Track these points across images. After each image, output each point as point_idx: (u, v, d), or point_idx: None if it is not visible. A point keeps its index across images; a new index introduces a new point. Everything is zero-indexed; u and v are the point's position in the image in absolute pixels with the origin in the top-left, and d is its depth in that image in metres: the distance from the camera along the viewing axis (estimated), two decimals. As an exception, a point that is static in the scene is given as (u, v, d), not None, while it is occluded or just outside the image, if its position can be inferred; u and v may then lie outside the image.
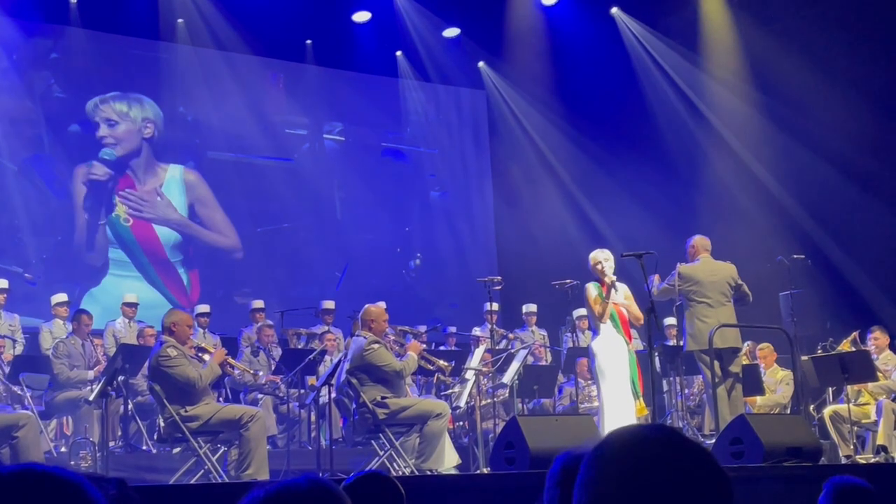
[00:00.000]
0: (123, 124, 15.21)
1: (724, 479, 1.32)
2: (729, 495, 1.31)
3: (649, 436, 1.35)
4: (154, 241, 15.16)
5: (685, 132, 15.46)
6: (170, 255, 15.23)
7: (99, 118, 15.04)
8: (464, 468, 9.20)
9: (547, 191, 16.69)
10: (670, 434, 1.34)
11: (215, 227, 15.69)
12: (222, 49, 15.54)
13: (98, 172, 14.81)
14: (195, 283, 15.30)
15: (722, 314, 9.51)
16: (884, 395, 10.32)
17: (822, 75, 13.53)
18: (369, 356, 8.56)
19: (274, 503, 1.45)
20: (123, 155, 15.14)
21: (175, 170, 15.65)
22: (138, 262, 14.97)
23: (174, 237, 15.36)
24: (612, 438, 1.36)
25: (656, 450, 1.31)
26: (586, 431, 7.32)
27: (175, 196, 15.53)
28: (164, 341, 8.07)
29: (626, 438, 1.35)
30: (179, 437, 8.02)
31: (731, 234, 13.48)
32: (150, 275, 14.96)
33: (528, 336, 13.12)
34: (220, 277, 15.52)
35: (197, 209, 15.63)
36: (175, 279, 15.15)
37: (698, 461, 1.31)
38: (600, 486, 1.31)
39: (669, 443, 1.32)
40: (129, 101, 15.34)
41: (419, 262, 17.29)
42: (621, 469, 1.30)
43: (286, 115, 16.58)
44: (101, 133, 15.01)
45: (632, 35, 16.13)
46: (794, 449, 7.55)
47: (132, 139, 15.26)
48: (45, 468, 1.31)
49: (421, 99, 17.62)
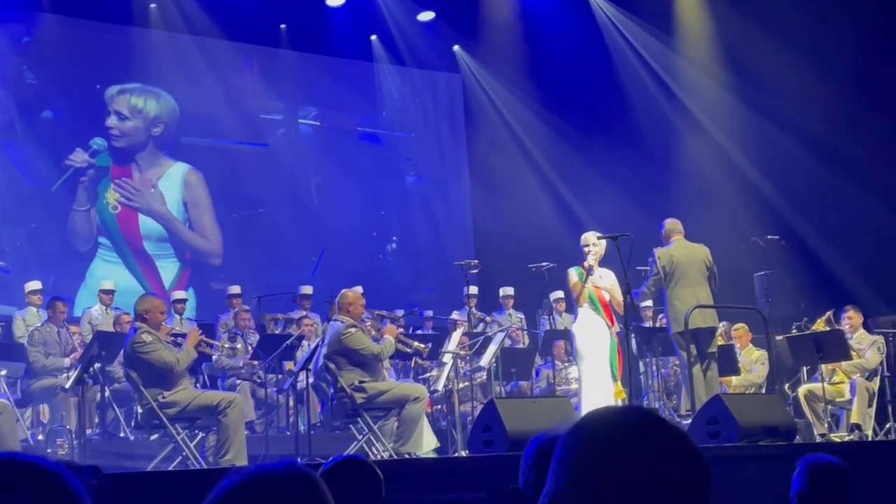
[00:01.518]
0: (133, 121, 15.27)
1: (700, 460, 1.32)
2: (706, 477, 1.32)
3: (625, 417, 1.35)
4: (136, 232, 15.14)
5: (660, 114, 15.51)
6: (151, 249, 15.19)
7: (112, 108, 15.11)
8: (442, 451, 9.23)
9: (523, 174, 16.70)
10: (646, 415, 1.35)
11: (201, 230, 15.72)
12: (196, 34, 15.44)
13: (76, 159, 14.74)
14: (184, 278, 15.29)
15: (700, 295, 9.56)
16: (857, 374, 10.42)
17: (796, 56, 13.59)
18: (346, 340, 8.56)
19: (250, 488, 1.44)
20: (123, 148, 15.17)
21: (180, 167, 15.69)
22: (120, 251, 14.97)
23: (158, 231, 15.33)
24: (587, 420, 1.36)
25: (632, 431, 1.32)
26: (563, 413, 7.35)
27: (171, 192, 15.54)
28: (137, 328, 8.04)
29: (602, 420, 1.35)
30: (157, 423, 8.00)
31: (706, 216, 13.55)
32: (130, 263, 14.93)
33: (506, 319, 13.14)
34: (196, 264, 15.49)
35: (189, 209, 15.64)
36: (153, 271, 15.12)
37: (674, 443, 1.32)
38: (575, 468, 1.32)
39: (645, 424, 1.33)
40: (146, 95, 15.41)
41: (395, 246, 17.27)
42: (597, 451, 1.30)
43: (261, 100, 16.50)
44: (110, 123, 15.09)
45: (606, 18, 16.15)
46: (769, 428, 7.61)
47: (138, 136, 15.33)
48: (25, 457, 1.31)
49: (396, 83, 17.58)
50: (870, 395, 10.30)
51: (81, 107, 15.01)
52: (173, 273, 15.28)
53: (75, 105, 14.98)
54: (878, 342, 10.57)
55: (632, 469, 1.28)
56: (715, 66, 15.02)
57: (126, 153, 15.21)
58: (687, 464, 1.31)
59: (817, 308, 11.44)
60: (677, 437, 1.33)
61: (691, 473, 1.30)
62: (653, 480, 1.28)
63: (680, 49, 15.52)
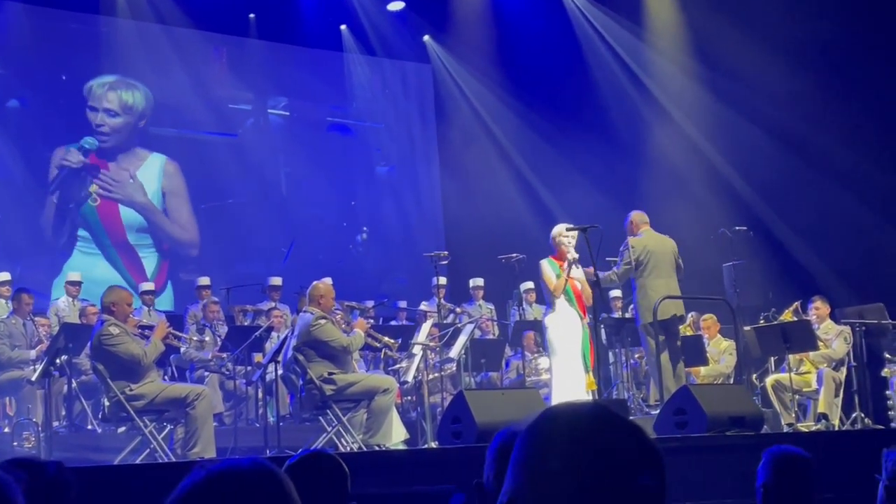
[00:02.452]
0: (123, 117, 15.24)
1: (656, 455, 1.33)
2: (661, 472, 1.32)
3: (580, 415, 1.36)
4: (117, 223, 15.07)
5: (629, 105, 15.54)
6: (133, 240, 15.12)
7: (97, 104, 15.02)
8: (411, 443, 9.23)
9: (493, 165, 16.69)
10: (600, 412, 1.35)
11: (179, 221, 15.66)
12: (163, 23, 15.31)
13: (72, 160, 14.75)
14: (164, 268, 15.21)
15: (671, 285, 9.63)
16: (824, 364, 10.50)
17: (765, 48, 13.64)
18: (316, 331, 8.55)
19: (215, 484, 1.43)
20: (111, 147, 15.12)
21: (157, 158, 15.63)
22: (100, 243, 14.90)
23: (138, 221, 15.25)
24: (543, 418, 1.36)
25: (587, 429, 1.32)
26: (533, 405, 7.37)
27: (150, 182, 15.50)
28: (104, 320, 7.98)
29: (558, 418, 1.36)
30: (124, 416, 7.96)
31: (675, 207, 13.60)
32: (110, 255, 14.86)
33: (476, 310, 13.15)
34: (174, 255, 15.42)
35: (167, 199, 15.60)
36: (135, 262, 15.04)
37: (629, 439, 1.32)
38: (532, 467, 1.32)
39: (599, 421, 1.33)
40: (133, 90, 15.35)
41: (366, 236, 17.23)
42: (553, 449, 1.31)
43: (230, 90, 16.39)
44: (98, 120, 15.02)
45: (577, 9, 16.15)
46: (736, 418, 7.67)
47: (126, 132, 15.28)
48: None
49: (366, 73, 17.51)
50: (836, 385, 10.39)
51: (48, 96, 14.88)
52: (153, 264, 15.20)
53: (42, 95, 14.85)
54: (844, 332, 10.65)
55: (587, 466, 1.28)
56: (685, 57, 15.06)
57: (108, 150, 15.15)
58: (642, 460, 1.32)
59: (785, 299, 11.52)
60: (632, 432, 1.34)
61: (647, 469, 1.31)
62: (608, 477, 1.28)
63: (650, 40, 15.56)
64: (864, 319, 10.90)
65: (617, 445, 1.31)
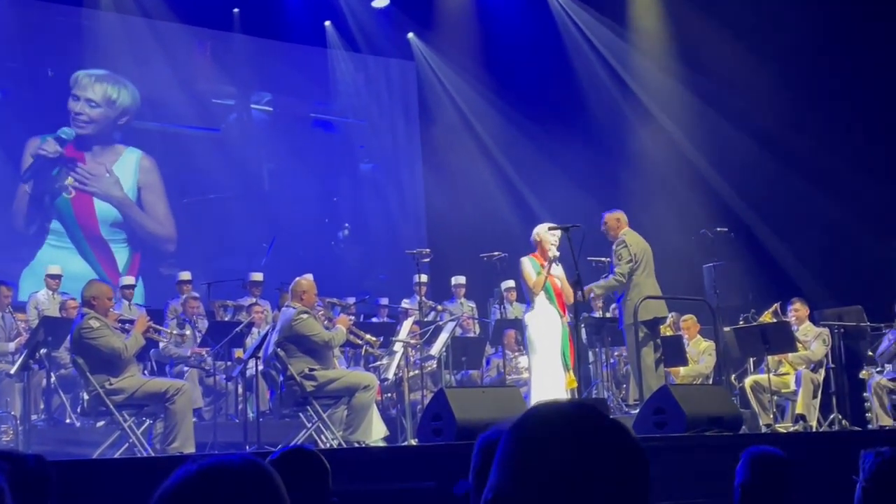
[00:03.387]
0: (103, 109, 15.17)
1: (640, 454, 1.34)
2: (645, 470, 1.33)
3: (565, 413, 1.36)
4: (91, 217, 14.99)
5: (612, 106, 15.58)
6: (106, 234, 15.04)
7: (81, 93, 14.96)
8: (391, 440, 9.24)
9: (476, 163, 16.71)
10: (586, 410, 1.36)
11: (155, 216, 15.61)
12: (148, 17, 15.26)
13: (49, 149, 14.69)
14: (136, 262, 15.15)
15: (655, 285, 9.61)
16: (803, 366, 10.56)
17: (748, 51, 13.72)
18: (298, 326, 8.54)
19: (207, 478, 1.44)
20: (88, 135, 15.06)
21: (133, 153, 15.57)
22: (73, 236, 14.80)
23: (113, 215, 15.16)
24: (529, 416, 1.37)
25: (572, 427, 1.32)
26: (513, 403, 7.39)
27: (126, 177, 15.44)
28: (84, 313, 7.96)
29: (543, 416, 1.36)
30: (103, 410, 7.92)
31: (657, 207, 13.65)
32: (83, 249, 14.78)
33: (457, 308, 13.16)
34: (146, 249, 15.35)
35: (143, 194, 15.55)
36: (107, 256, 14.96)
37: (614, 437, 1.33)
38: (517, 464, 1.32)
39: (585, 419, 1.34)
40: (119, 86, 15.28)
41: (347, 232, 17.22)
42: (538, 447, 1.31)
43: (213, 85, 16.35)
44: (78, 109, 14.97)
45: (560, 8, 16.19)
46: (715, 418, 7.70)
47: (104, 124, 15.22)
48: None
49: (350, 70, 17.50)
50: (815, 386, 10.45)
51: (30, 88, 14.79)
52: (124, 258, 15.13)
53: (24, 86, 14.76)
54: (823, 334, 10.71)
55: (572, 464, 1.29)
56: (668, 58, 15.12)
57: (83, 140, 15.06)
58: (627, 458, 1.32)
59: (765, 300, 11.57)
60: (617, 431, 1.34)
61: (631, 467, 1.32)
62: (593, 475, 1.29)
63: (633, 40, 15.61)
64: (843, 322, 10.97)
65: (602, 444, 1.31)
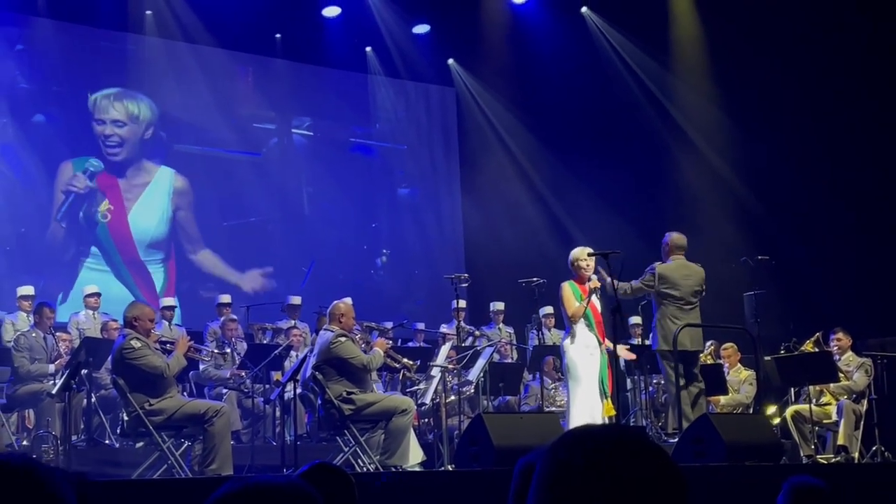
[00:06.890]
0: (129, 125, 15.25)
1: (680, 479, 1.32)
2: (685, 495, 1.31)
3: (604, 436, 1.35)
4: (128, 240, 15.06)
5: (652, 132, 15.53)
6: (143, 255, 15.13)
7: (104, 116, 15.06)
8: (428, 465, 9.20)
9: (515, 189, 16.72)
10: (626, 434, 1.35)
11: (189, 234, 15.61)
12: (191, 42, 15.44)
13: (78, 185, 14.71)
14: (171, 280, 15.22)
15: (692, 316, 9.48)
16: (845, 396, 10.43)
17: (790, 78, 13.64)
18: (336, 349, 8.56)
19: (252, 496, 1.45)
20: (121, 161, 15.15)
21: (165, 172, 15.62)
22: (110, 260, 14.87)
23: (150, 236, 15.26)
24: (567, 439, 1.36)
25: (611, 450, 1.31)
26: (551, 429, 7.35)
27: (160, 196, 15.46)
28: (126, 334, 8.01)
29: (581, 439, 1.35)
30: (143, 431, 7.96)
31: (697, 235, 13.50)
32: (120, 272, 14.85)
33: (495, 333, 13.13)
34: (186, 270, 15.45)
35: (177, 213, 15.58)
36: (145, 278, 15.04)
37: (655, 462, 1.32)
38: (555, 487, 1.31)
39: (624, 443, 1.33)
40: (137, 101, 15.35)
41: (386, 259, 17.26)
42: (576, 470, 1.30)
43: (254, 110, 16.50)
44: (108, 132, 15.03)
45: (601, 35, 16.19)
46: (755, 448, 7.62)
47: (133, 142, 15.28)
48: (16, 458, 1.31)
49: (390, 95, 17.59)
50: (857, 417, 10.31)
51: (74, 112, 14.96)
52: (161, 280, 15.22)
53: (69, 110, 14.95)
54: (865, 364, 10.58)
55: (611, 487, 1.28)
56: (708, 84, 15.07)
57: (116, 167, 15.13)
58: (666, 483, 1.31)
59: (806, 329, 11.45)
60: (657, 455, 1.33)
61: (670, 492, 1.30)
62: (631, 500, 1.28)
63: (673, 67, 15.57)
64: (886, 352, 10.83)
65: (641, 468, 1.30)
